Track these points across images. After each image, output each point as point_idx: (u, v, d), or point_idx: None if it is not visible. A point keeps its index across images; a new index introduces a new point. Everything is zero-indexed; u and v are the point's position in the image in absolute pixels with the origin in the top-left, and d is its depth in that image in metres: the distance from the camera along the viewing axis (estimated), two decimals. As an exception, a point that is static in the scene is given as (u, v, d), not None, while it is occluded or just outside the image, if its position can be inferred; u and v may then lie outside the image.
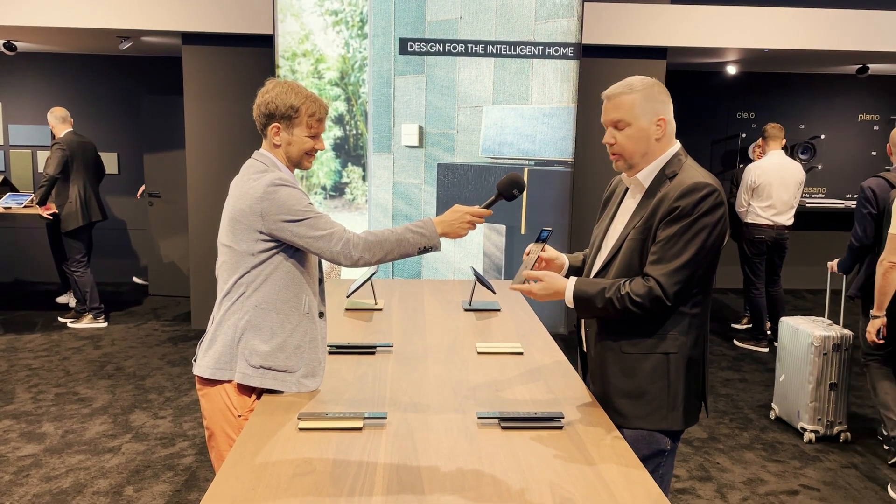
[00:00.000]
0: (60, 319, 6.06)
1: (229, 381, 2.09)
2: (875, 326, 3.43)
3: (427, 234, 2.07)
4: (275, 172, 2.07)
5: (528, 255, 2.13)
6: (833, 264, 4.21)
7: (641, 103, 1.94)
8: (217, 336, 2.10)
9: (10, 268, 7.60)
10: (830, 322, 4.11)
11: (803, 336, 4.00)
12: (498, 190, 2.17)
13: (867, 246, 3.77)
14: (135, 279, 7.53)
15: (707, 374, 2.06)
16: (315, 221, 2.02)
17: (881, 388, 3.70)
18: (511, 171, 2.20)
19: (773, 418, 4.30)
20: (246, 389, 2.10)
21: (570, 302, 1.98)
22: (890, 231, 3.27)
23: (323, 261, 2.18)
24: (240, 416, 2.09)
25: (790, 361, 4.12)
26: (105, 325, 6.01)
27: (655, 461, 1.99)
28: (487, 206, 2.14)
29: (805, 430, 4.00)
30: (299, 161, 2.15)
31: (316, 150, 2.16)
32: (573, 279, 2.01)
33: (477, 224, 2.14)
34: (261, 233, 2.03)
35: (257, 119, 2.14)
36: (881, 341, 3.43)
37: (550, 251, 2.20)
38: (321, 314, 2.20)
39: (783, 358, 4.20)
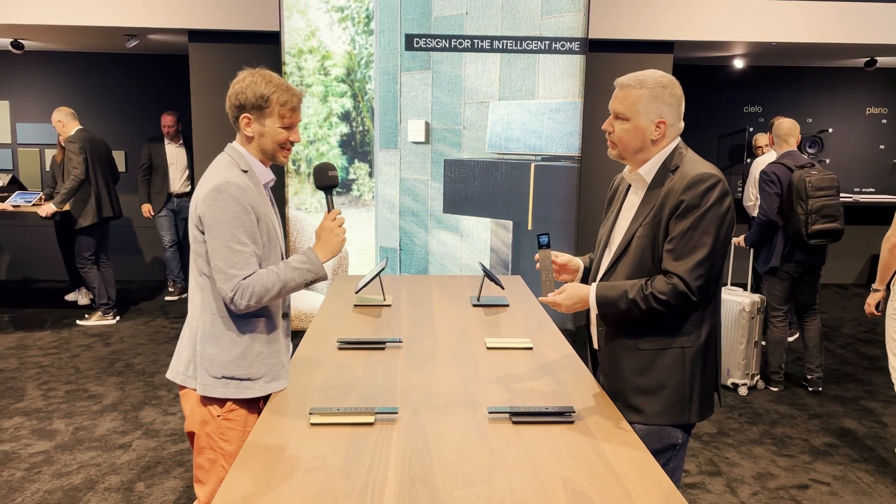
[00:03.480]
0: (79, 323, 6.03)
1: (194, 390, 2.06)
2: (875, 300, 3.67)
3: (311, 267, 2.01)
4: (231, 171, 1.99)
5: (539, 266, 2.13)
6: (740, 240, 4.82)
7: (646, 101, 1.94)
8: (184, 341, 2.08)
9: (19, 266, 7.64)
10: (741, 290, 4.75)
11: (732, 304, 4.56)
12: (319, 187, 2.17)
13: (773, 221, 4.45)
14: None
15: (720, 364, 2.06)
16: (230, 256, 1.93)
17: (781, 340, 4.62)
18: (315, 166, 2.20)
19: (736, 389, 4.71)
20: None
21: (594, 308, 1.99)
22: None
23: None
24: (219, 416, 2.05)
25: None
26: (115, 321, 6.03)
27: (667, 455, 1.99)
28: (330, 207, 2.11)
29: (737, 385, 4.59)
30: (274, 154, 2.07)
31: (292, 143, 2.08)
32: (594, 285, 2.01)
33: (343, 224, 2.09)
34: (203, 234, 1.98)
35: (229, 111, 2.07)
36: (879, 313, 3.69)
37: (563, 256, 2.22)
38: (285, 315, 2.15)
39: None
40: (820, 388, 4.60)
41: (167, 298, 6.94)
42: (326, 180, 2.16)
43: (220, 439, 2.05)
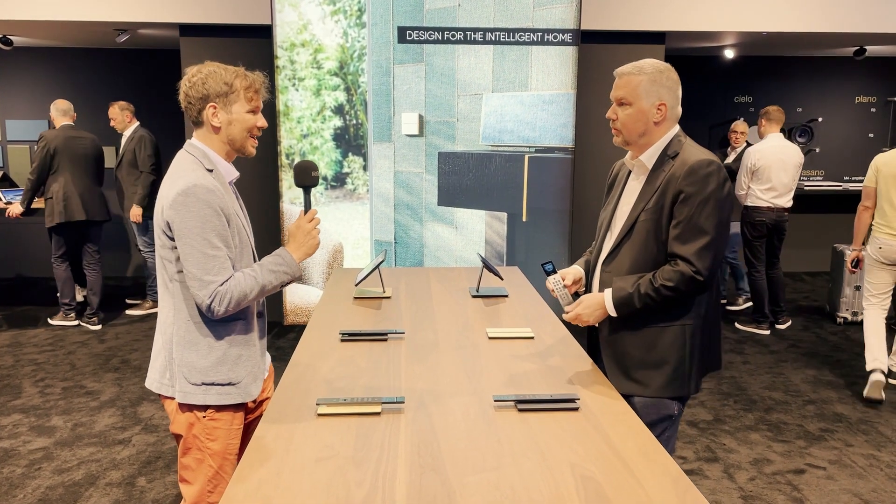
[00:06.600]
0: (49, 322, 5.97)
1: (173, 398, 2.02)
2: (851, 258, 4.40)
3: (288, 269, 1.99)
4: (197, 173, 1.90)
5: (554, 293, 2.23)
6: None
7: (646, 86, 2.04)
8: (157, 349, 2.04)
9: (12, 263, 7.60)
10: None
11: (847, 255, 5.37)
12: (299, 185, 2.15)
13: None
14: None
15: (719, 338, 2.19)
16: (205, 262, 1.87)
17: None
18: (297, 163, 2.19)
19: (841, 323, 5.89)
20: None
21: (612, 311, 2.08)
22: (864, 183, 4.27)
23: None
24: (204, 417, 2.01)
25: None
26: (76, 323, 5.78)
27: (662, 426, 2.10)
28: (308, 207, 2.11)
29: (846, 319, 5.93)
30: (243, 144, 2.01)
31: (259, 129, 2.02)
32: (607, 291, 2.09)
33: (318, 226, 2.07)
34: (172, 240, 1.92)
35: (190, 107, 1.97)
36: (855, 270, 4.42)
37: (568, 275, 2.31)
38: (260, 314, 2.12)
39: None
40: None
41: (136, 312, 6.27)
42: (308, 180, 2.14)
43: (207, 439, 2.02)
